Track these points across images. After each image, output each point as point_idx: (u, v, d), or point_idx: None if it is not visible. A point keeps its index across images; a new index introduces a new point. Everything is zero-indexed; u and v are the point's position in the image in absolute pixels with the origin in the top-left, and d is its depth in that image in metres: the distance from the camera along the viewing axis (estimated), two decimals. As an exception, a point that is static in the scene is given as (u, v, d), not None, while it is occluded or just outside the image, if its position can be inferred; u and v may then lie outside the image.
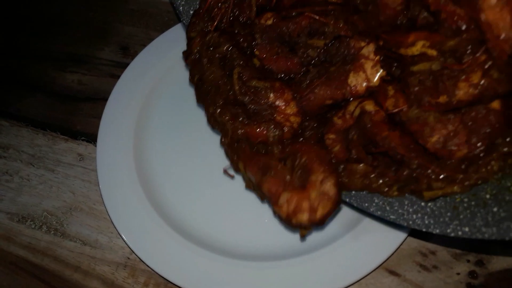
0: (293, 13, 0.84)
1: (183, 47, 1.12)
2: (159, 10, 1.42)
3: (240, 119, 0.82)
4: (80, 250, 1.04)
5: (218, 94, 0.85)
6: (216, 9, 0.87)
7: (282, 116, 0.84)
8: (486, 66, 0.62)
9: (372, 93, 0.76)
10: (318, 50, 0.82)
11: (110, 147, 1.09)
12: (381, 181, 0.74)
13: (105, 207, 1.02)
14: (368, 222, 0.94)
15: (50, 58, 1.37)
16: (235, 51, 0.86)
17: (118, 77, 1.19)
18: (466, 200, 0.71)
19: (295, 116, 0.83)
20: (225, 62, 0.86)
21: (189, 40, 0.92)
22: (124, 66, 1.22)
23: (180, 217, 1.00)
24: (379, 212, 0.78)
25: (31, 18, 1.48)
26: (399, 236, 0.92)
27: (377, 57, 0.75)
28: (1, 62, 1.38)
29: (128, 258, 1.02)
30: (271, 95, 0.83)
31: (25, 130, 1.24)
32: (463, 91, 0.65)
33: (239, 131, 0.82)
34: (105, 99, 1.17)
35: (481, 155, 0.68)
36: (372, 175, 0.74)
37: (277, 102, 0.83)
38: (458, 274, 0.93)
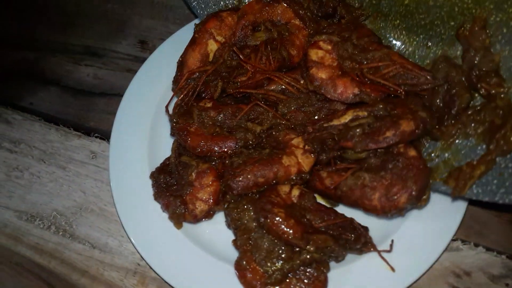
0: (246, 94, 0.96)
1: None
2: (179, 2, 1.35)
3: (163, 185, 0.94)
4: (88, 254, 0.99)
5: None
6: (185, 84, 0.99)
7: (192, 197, 0.89)
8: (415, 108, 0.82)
9: (303, 179, 0.87)
10: (255, 134, 0.90)
11: (124, 146, 1.03)
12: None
13: (115, 209, 0.96)
14: (398, 238, 0.86)
15: (66, 51, 1.33)
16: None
17: (135, 72, 1.13)
18: (511, 165, 0.77)
19: (202, 202, 0.88)
20: None
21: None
22: (142, 60, 1.16)
23: (195, 226, 0.94)
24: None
25: (48, 10, 1.44)
26: (431, 255, 0.84)
27: (306, 147, 0.87)
28: (16, 54, 1.35)
29: (138, 265, 0.96)
30: (193, 174, 0.90)
31: (37, 124, 1.20)
32: (405, 123, 0.80)
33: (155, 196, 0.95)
34: (120, 95, 1.12)
35: None
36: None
37: (195, 183, 0.89)
38: (496, 299, 0.85)
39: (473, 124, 0.83)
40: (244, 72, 0.97)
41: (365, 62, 0.89)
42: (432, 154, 0.87)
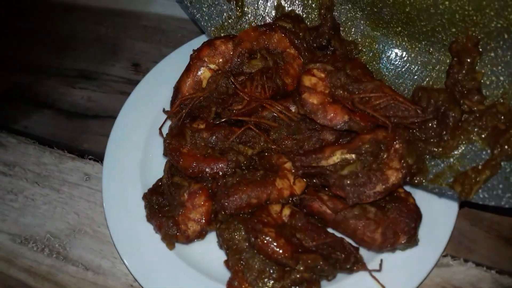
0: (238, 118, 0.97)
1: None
2: (171, 26, 1.39)
3: (156, 206, 0.95)
4: (82, 276, 0.99)
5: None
6: (179, 109, 1.01)
7: (184, 218, 0.90)
8: (400, 151, 0.86)
9: (294, 202, 0.89)
10: (246, 157, 0.93)
11: (117, 167, 1.05)
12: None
13: (108, 230, 0.97)
14: (388, 256, 0.87)
15: (60, 74, 1.35)
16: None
17: (128, 94, 1.15)
18: None
19: (194, 222, 0.90)
20: None
21: None
22: (135, 83, 1.18)
23: (187, 246, 0.94)
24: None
25: (42, 34, 1.46)
26: (421, 271, 0.85)
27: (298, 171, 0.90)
28: (10, 78, 1.37)
29: (131, 286, 0.96)
30: (185, 194, 0.92)
31: (32, 147, 1.21)
32: (394, 176, 0.84)
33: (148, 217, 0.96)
34: (114, 117, 1.13)
35: None
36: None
37: (187, 203, 0.91)
38: (487, 314, 0.86)
39: (476, 129, 0.85)
40: (239, 100, 0.99)
41: (357, 92, 0.91)
42: (438, 160, 0.88)
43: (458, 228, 0.93)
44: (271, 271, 0.80)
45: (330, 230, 0.89)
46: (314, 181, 0.91)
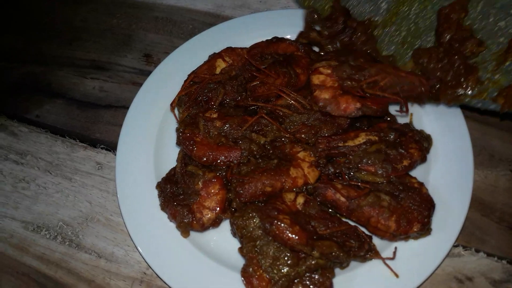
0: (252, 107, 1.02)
1: (206, 55, 1.12)
2: (183, 18, 1.39)
3: (170, 195, 0.95)
4: (95, 263, 1.00)
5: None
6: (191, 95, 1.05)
7: (199, 206, 0.91)
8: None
9: (308, 190, 0.91)
10: (259, 145, 0.94)
11: (130, 156, 1.05)
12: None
13: (122, 218, 0.97)
14: (400, 245, 0.87)
15: (72, 64, 1.35)
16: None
17: (140, 84, 1.16)
18: None
19: (209, 210, 0.90)
20: None
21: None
22: (147, 73, 1.19)
23: (201, 234, 0.95)
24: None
25: (55, 25, 1.47)
26: (433, 260, 0.86)
27: (312, 160, 0.92)
28: (23, 68, 1.37)
29: (145, 274, 0.97)
30: (200, 183, 0.92)
31: (43, 136, 1.22)
32: (416, 153, 0.91)
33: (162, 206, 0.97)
34: (126, 107, 1.14)
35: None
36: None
37: (201, 192, 0.91)
38: (498, 304, 0.87)
39: None
40: (254, 88, 1.02)
41: (363, 79, 0.95)
42: (482, 76, 0.94)
43: (470, 219, 0.94)
44: (286, 258, 0.81)
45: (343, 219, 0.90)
46: (330, 169, 0.91)
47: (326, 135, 0.95)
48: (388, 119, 1.00)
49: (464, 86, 0.94)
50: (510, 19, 0.93)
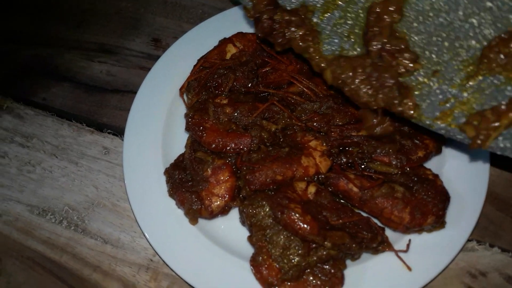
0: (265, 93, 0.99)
1: (216, 41, 1.10)
2: (193, 2, 1.36)
3: (178, 182, 0.93)
4: (100, 249, 0.98)
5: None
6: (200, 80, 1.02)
7: (208, 193, 0.89)
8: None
9: (320, 180, 0.88)
10: (270, 133, 0.92)
11: (138, 141, 1.03)
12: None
13: (129, 204, 0.96)
14: (413, 238, 0.85)
15: (80, 48, 1.33)
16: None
17: (148, 69, 1.13)
18: None
19: (218, 197, 0.88)
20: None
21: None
22: (155, 58, 1.17)
23: (209, 222, 0.93)
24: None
25: (63, 7, 1.44)
26: (447, 255, 0.83)
27: (324, 149, 0.89)
28: (30, 51, 1.35)
29: (151, 260, 0.96)
30: (209, 170, 0.90)
31: (50, 120, 1.20)
32: (431, 144, 0.88)
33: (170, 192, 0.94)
34: (133, 92, 1.12)
35: None
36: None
37: (210, 179, 0.90)
38: (513, 300, 0.85)
39: (501, 57, 0.66)
40: (266, 74, 1.01)
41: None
42: (447, 93, 0.71)
43: (484, 213, 0.91)
44: (297, 248, 0.79)
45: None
46: (342, 159, 0.89)
47: (339, 124, 0.93)
48: None
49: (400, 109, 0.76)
50: (485, 16, 0.67)
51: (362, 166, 0.89)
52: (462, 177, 0.91)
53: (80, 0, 1.44)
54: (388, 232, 0.86)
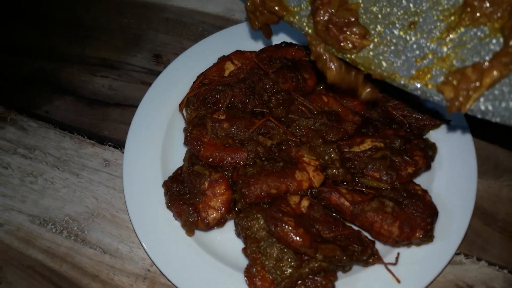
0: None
1: (215, 58, 1.14)
2: (193, 20, 1.41)
3: (176, 194, 0.97)
4: (99, 259, 1.01)
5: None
6: (199, 96, 1.06)
7: (204, 205, 0.92)
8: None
9: (313, 194, 0.91)
10: (265, 148, 0.95)
11: (138, 154, 1.07)
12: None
13: (128, 215, 0.99)
14: (403, 251, 0.88)
15: (82, 62, 1.37)
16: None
17: (149, 84, 1.17)
18: None
19: (215, 210, 0.91)
20: None
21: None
22: (156, 73, 1.20)
23: (205, 234, 0.96)
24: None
25: (66, 22, 1.49)
26: (435, 268, 0.86)
27: (317, 164, 0.92)
28: (34, 64, 1.39)
29: (148, 270, 0.98)
30: (206, 183, 0.94)
31: (52, 132, 1.23)
32: (421, 161, 0.92)
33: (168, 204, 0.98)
34: (134, 106, 1.16)
35: None
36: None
37: (207, 192, 0.93)
38: (498, 312, 0.87)
39: (486, 5, 0.58)
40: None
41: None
42: (425, 48, 0.63)
43: (472, 227, 0.95)
44: (289, 260, 0.82)
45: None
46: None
47: (332, 140, 0.96)
48: (394, 126, 1.01)
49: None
50: None
51: (354, 181, 0.92)
52: (450, 193, 0.94)
53: (83, 16, 1.48)
54: (378, 245, 0.89)
